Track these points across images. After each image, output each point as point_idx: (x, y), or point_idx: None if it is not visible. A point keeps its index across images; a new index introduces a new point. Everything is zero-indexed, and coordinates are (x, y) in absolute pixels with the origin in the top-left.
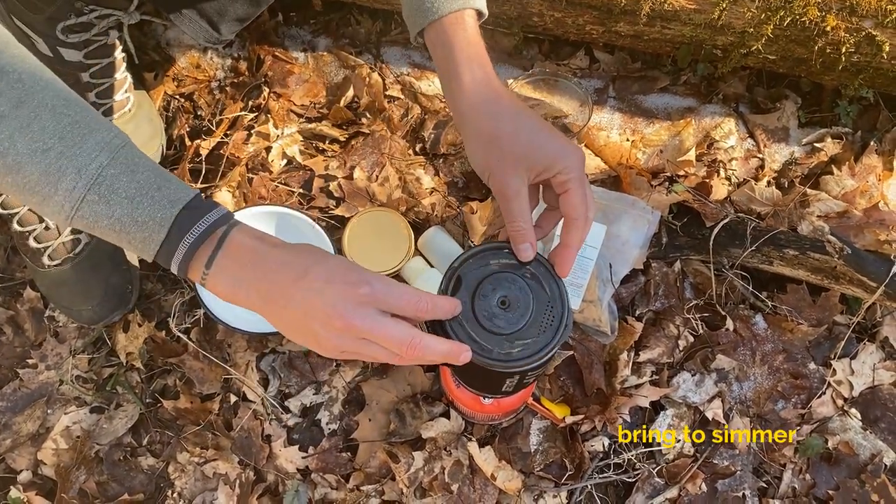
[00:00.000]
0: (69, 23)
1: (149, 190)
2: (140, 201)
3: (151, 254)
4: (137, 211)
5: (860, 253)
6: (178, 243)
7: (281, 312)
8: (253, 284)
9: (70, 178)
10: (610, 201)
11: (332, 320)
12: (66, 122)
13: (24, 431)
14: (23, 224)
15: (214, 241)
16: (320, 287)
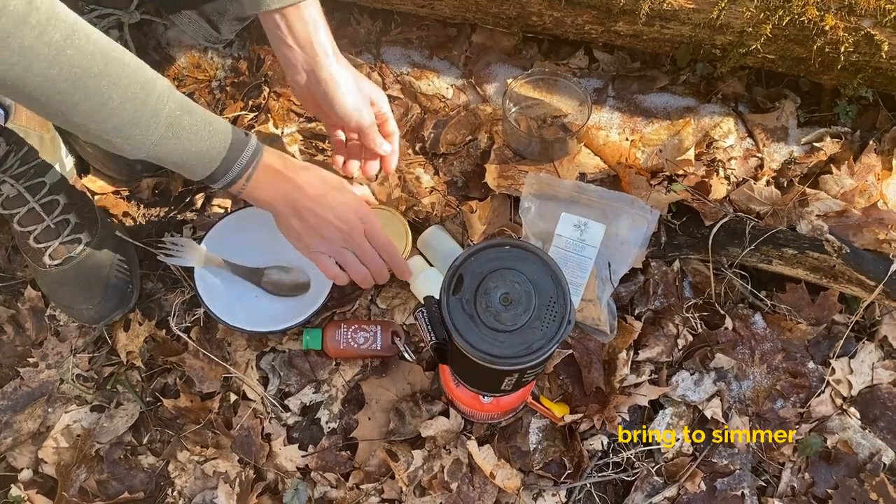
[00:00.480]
0: None
1: (204, 125)
2: (200, 136)
3: (204, 175)
4: (200, 143)
5: (859, 252)
6: (229, 169)
7: (299, 218)
8: (282, 194)
9: (152, 120)
10: (609, 200)
11: (339, 225)
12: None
13: (24, 430)
14: (23, 224)
15: (253, 163)
16: (337, 205)
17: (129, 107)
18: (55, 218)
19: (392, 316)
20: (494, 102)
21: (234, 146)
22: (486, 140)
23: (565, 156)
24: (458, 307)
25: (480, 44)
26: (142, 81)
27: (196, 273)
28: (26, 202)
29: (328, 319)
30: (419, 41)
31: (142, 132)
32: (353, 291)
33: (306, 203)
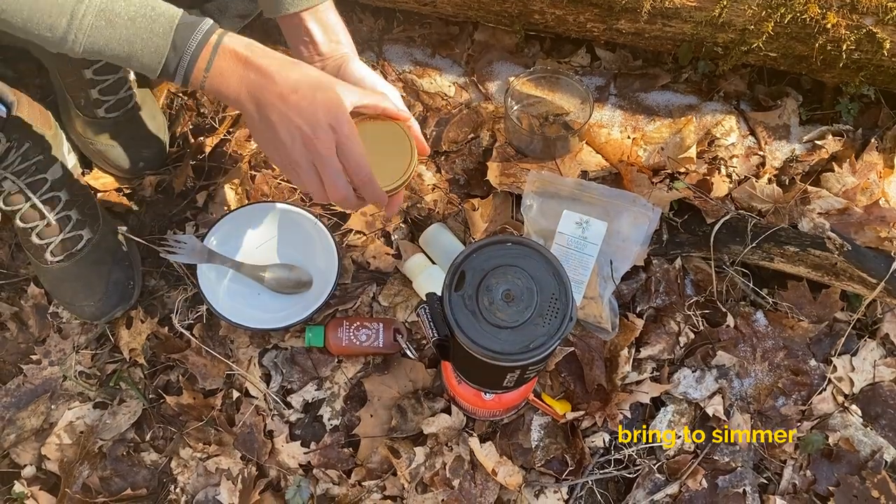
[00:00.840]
0: None
1: (145, 10)
2: (141, 21)
3: (158, 66)
4: (141, 29)
5: (861, 250)
6: (182, 51)
7: (263, 118)
8: (247, 85)
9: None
10: (611, 198)
11: (303, 128)
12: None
13: (27, 427)
14: (25, 220)
15: (210, 48)
16: (306, 103)
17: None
18: (57, 214)
19: (394, 313)
20: (496, 100)
21: (182, 27)
22: (489, 138)
23: (567, 154)
24: (461, 304)
25: (482, 42)
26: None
27: (199, 270)
28: (28, 199)
29: (330, 317)
30: (421, 39)
31: (66, 21)
32: (356, 289)
33: (269, 97)
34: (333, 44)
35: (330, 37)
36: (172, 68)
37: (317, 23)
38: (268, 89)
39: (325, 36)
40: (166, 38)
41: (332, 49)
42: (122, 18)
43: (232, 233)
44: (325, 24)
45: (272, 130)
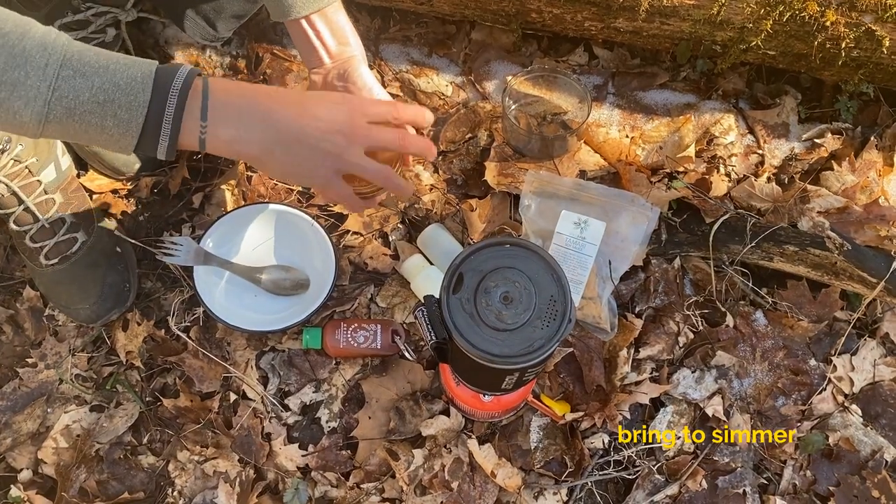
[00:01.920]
0: (66, 20)
1: (117, 59)
2: (115, 68)
3: (140, 119)
4: (116, 76)
5: (860, 249)
6: (165, 98)
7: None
8: (255, 125)
9: (39, 56)
10: (609, 198)
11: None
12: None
13: (24, 430)
14: (19, 223)
15: (199, 91)
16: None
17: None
18: (50, 217)
19: (392, 315)
20: (494, 100)
21: (162, 71)
22: (486, 138)
23: (565, 153)
24: (459, 306)
25: (480, 41)
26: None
27: (195, 272)
28: (21, 202)
29: (328, 318)
30: (418, 38)
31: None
32: (354, 290)
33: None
34: (343, 45)
35: (339, 39)
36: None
37: (326, 25)
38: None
39: (334, 38)
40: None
41: (342, 51)
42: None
43: (228, 234)
44: (334, 26)
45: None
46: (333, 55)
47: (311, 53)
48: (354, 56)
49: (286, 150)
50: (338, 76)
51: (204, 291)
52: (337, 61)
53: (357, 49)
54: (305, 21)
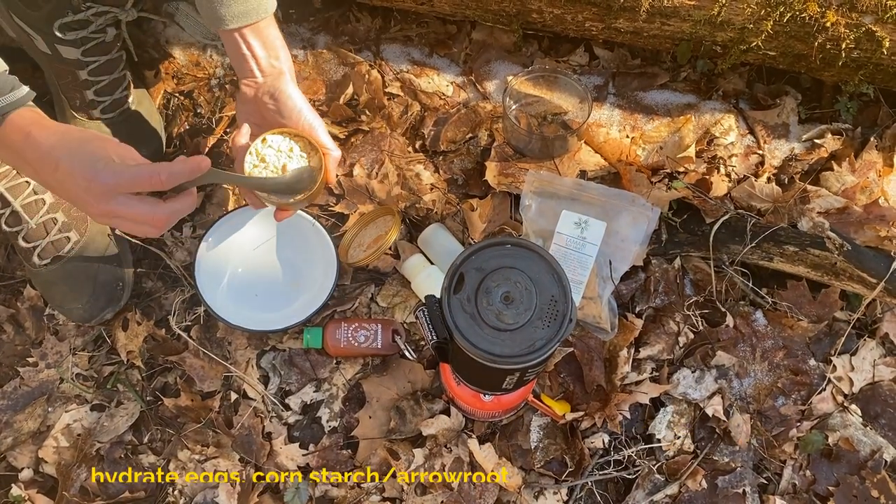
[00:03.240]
0: (66, 20)
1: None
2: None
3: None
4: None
5: (860, 249)
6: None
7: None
8: (25, 165)
9: None
10: (609, 198)
11: (89, 206)
12: None
13: (25, 429)
14: (10, 225)
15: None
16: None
17: None
18: (40, 218)
19: (393, 314)
20: (495, 100)
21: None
22: (487, 138)
23: (566, 153)
24: (459, 306)
25: (480, 41)
26: None
27: (196, 272)
28: (8, 204)
29: (328, 318)
30: (419, 38)
31: None
32: (354, 290)
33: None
34: (273, 59)
35: (270, 52)
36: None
37: (257, 38)
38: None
39: (265, 51)
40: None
41: (272, 65)
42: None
43: (229, 234)
44: (266, 40)
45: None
46: (264, 69)
47: (243, 65)
48: (284, 74)
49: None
50: (268, 93)
51: (205, 290)
52: (267, 76)
53: (286, 64)
54: (237, 33)
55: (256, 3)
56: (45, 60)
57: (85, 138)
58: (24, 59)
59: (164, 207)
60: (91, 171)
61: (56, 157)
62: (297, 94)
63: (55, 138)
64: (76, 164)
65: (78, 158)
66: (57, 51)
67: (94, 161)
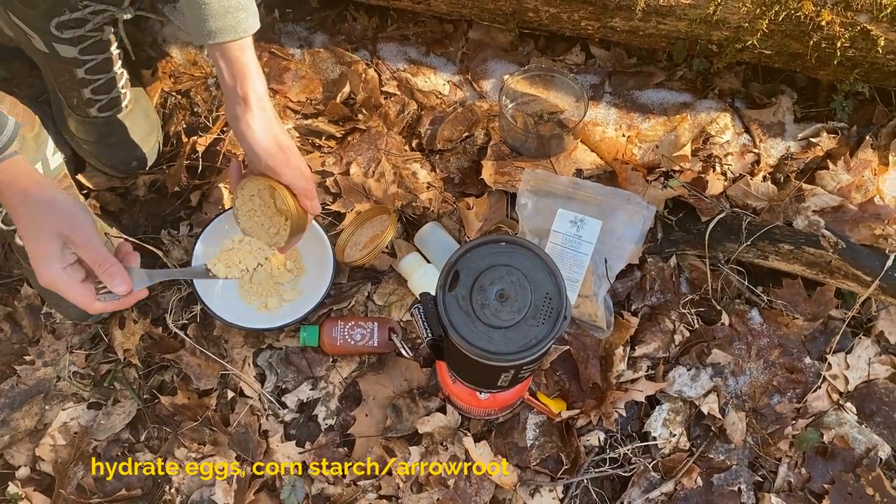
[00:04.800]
0: (63, 18)
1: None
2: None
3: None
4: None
5: (855, 247)
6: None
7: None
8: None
9: None
10: (605, 196)
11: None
12: None
13: (21, 427)
14: (7, 223)
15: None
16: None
17: None
18: None
19: (389, 312)
20: (491, 99)
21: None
22: (483, 136)
23: (562, 152)
24: (455, 303)
25: (477, 40)
26: None
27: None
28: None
29: (325, 316)
30: (415, 38)
31: None
32: (351, 288)
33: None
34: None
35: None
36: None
37: (230, 58)
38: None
39: (230, 74)
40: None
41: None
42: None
43: (226, 232)
44: (237, 63)
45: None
46: (231, 90)
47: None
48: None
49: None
50: (231, 116)
51: (202, 289)
52: (236, 96)
53: (255, 92)
54: (218, 51)
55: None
56: (43, 59)
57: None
58: (22, 58)
59: (97, 305)
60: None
61: (21, 230)
62: (257, 130)
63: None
64: (31, 249)
65: (31, 246)
66: (54, 49)
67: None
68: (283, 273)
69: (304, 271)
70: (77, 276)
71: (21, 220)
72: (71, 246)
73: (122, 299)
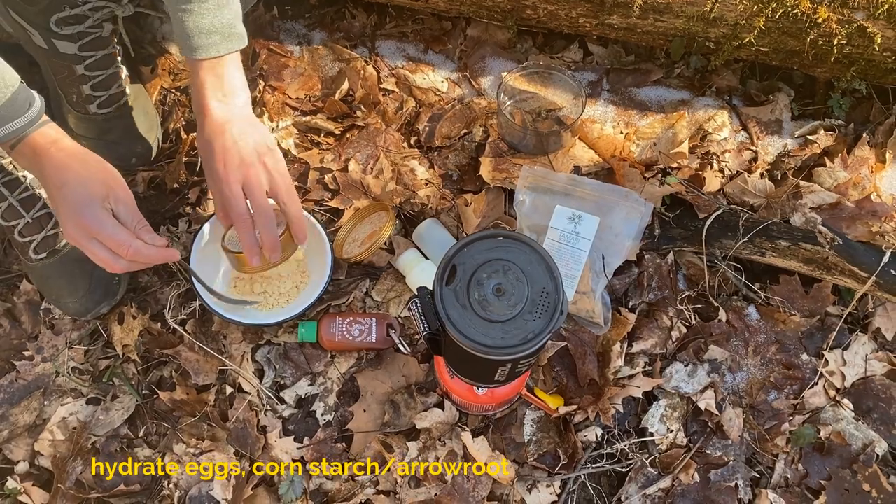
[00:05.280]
0: (63, 15)
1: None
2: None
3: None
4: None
5: (852, 244)
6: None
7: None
8: (38, 175)
9: None
10: (603, 193)
11: (76, 218)
12: None
13: (20, 423)
14: (7, 219)
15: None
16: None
17: None
18: (36, 213)
19: (387, 308)
20: (489, 96)
21: (11, 104)
22: (481, 133)
23: (560, 149)
24: (452, 298)
25: (475, 37)
26: None
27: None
28: (5, 198)
29: (323, 312)
30: (414, 35)
31: None
32: (349, 284)
33: (51, 192)
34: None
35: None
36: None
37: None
38: (47, 184)
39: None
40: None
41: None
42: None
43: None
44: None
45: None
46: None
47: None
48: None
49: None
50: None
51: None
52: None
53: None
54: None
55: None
56: (42, 56)
57: (92, 173)
58: (22, 55)
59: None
60: (80, 208)
61: (65, 179)
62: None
63: (71, 160)
64: (76, 194)
65: (78, 190)
66: (54, 46)
67: (89, 201)
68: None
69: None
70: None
71: (64, 170)
72: (112, 199)
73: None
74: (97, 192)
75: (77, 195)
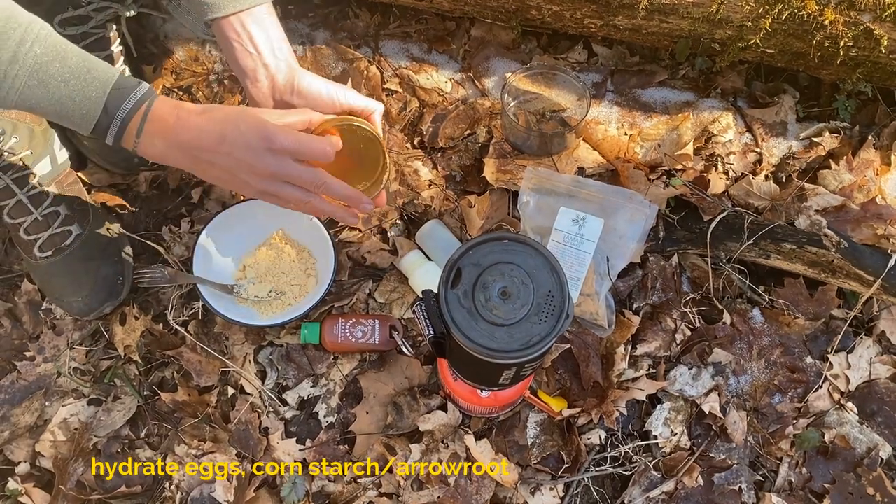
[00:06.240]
0: (66, 15)
1: (80, 73)
2: (75, 84)
3: (89, 129)
4: (74, 92)
5: (857, 247)
6: (113, 116)
7: (209, 170)
8: (179, 148)
9: (10, 68)
10: (607, 195)
11: (255, 172)
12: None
13: (22, 423)
14: (13, 216)
15: (140, 115)
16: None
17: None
18: (44, 210)
19: (390, 310)
20: (493, 96)
21: (115, 94)
22: (485, 134)
23: (564, 150)
24: (456, 301)
25: (479, 38)
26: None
27: (194, 266)
28: (14, 194)
29: (326, 313)
30: (418, 35)
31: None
32: (352, 286)
33: (206, 155)
34: (278, 51)
35: (273, 44)
36: (103, 130)
37: (258, 26)
38: (199, 148)
39: (268, 43)
40: (98, 103)
41: (277, 57)
42: (55, 80)
43: (227, 229)
44: (266, 29)
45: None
46: (268, 63)
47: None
48: (292, 66)
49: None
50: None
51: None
52: (276, 73)
53: (289, 53)
54: (235, 21)
55: None
56: None
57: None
58: None
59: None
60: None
61: (220, 130)
62: (316, 79)
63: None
64: (249, 130)
65: (247, 125)
66: None
67: (265, 125)
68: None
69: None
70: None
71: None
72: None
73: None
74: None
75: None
